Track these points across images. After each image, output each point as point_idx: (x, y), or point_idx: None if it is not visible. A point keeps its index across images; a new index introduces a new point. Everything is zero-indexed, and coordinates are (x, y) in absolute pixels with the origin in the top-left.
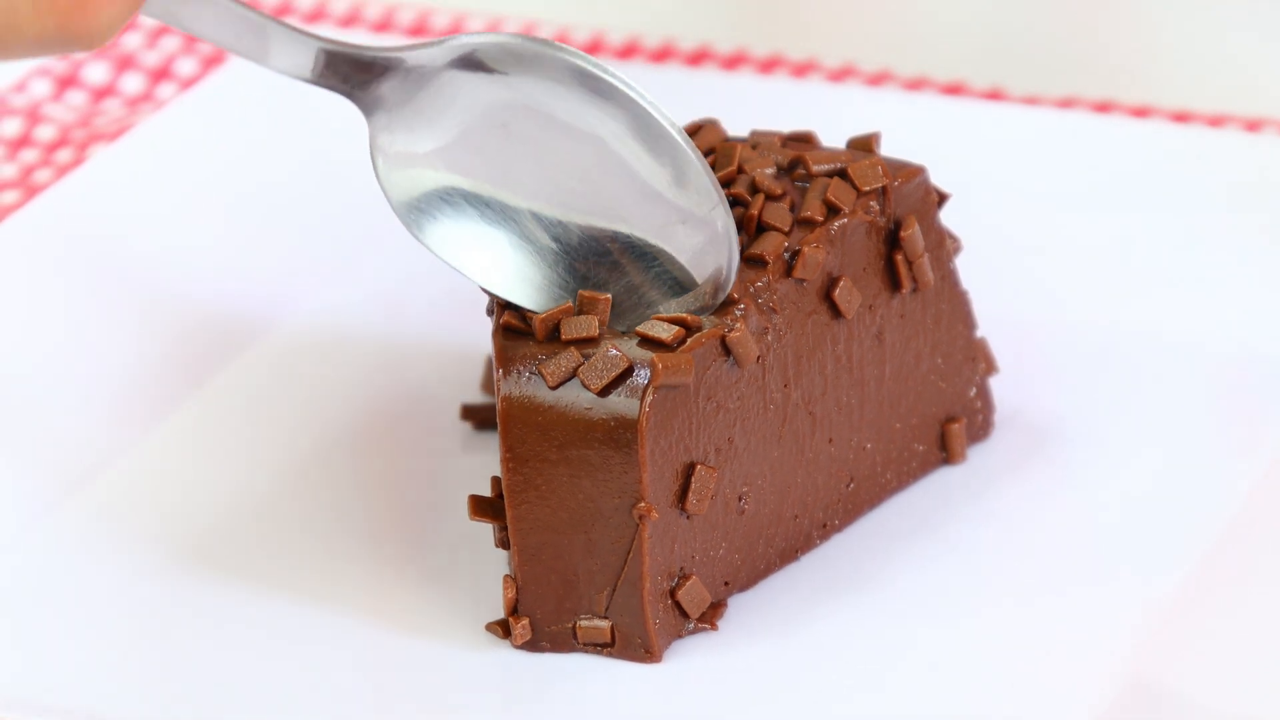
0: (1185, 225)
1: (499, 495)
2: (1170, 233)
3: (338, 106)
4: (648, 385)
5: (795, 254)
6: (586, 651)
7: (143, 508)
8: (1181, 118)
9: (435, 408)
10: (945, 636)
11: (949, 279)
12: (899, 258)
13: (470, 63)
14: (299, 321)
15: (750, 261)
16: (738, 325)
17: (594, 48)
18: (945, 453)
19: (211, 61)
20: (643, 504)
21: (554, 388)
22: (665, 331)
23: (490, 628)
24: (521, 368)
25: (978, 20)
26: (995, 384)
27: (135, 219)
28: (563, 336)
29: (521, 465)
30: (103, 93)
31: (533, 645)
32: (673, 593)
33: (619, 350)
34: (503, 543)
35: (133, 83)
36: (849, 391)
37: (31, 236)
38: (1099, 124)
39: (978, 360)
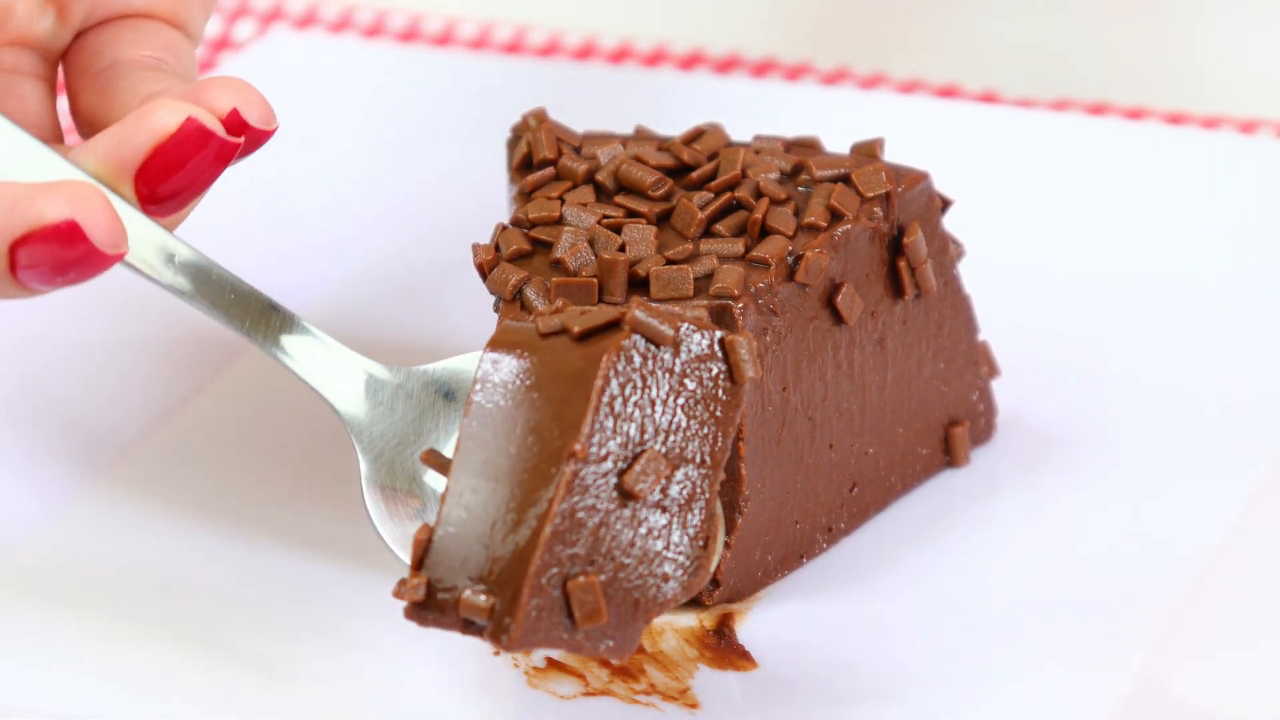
0: (1182, 227)
1: None
2: (1167, 234)
3: (333, 108)
4: (624, 322)
5: (798, 258)
6: (462, 630)
7: (142, 511)
8: (1176, 119)
9: None
10: (951, 640)
11: (952, 284)
12: (902, 264)
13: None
14: None
15: (753, 264)
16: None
17: (586, 52)
18: (948, 456)
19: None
20: (577, 445)
21: (579, 337)
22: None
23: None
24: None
25: (972, 23)
26: (997, 387)
27: None
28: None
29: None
30: None
31: (425, 611)
32: (565, 583)
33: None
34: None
35: None
36: (849, 397)
37: None
38: (1093, 126)
39: (980, 364)
